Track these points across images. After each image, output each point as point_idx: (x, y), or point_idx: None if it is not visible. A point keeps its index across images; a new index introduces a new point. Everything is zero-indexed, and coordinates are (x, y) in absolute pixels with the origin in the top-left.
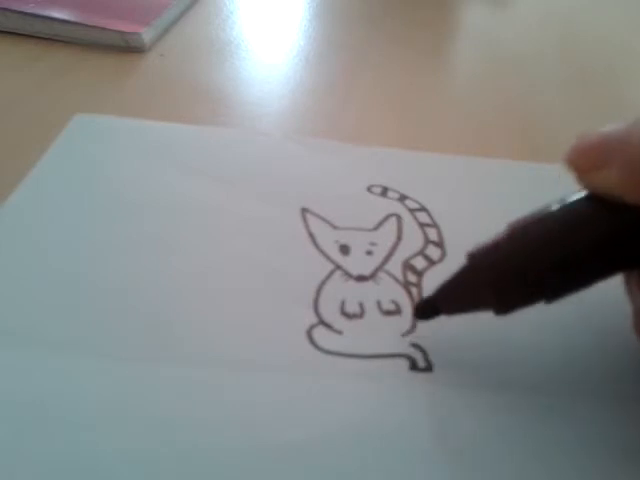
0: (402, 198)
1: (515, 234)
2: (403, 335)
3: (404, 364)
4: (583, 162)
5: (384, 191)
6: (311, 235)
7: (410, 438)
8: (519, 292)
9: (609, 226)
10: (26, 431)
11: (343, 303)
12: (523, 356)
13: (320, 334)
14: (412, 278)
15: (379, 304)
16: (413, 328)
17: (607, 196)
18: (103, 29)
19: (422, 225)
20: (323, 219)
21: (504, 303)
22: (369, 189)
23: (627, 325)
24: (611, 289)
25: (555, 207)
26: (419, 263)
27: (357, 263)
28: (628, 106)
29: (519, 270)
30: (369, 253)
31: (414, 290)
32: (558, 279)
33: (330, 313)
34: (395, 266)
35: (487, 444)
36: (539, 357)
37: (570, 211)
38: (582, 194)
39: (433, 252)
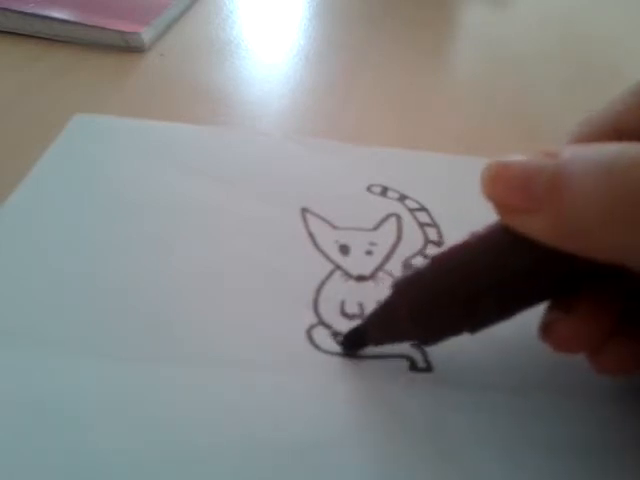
0: (402, 198)
1: (436, 263)
2: None
3: (404, 364)
4: (506, 200)
5: (384, 191)
6: (311, 235)
7: (410, 438)
8: (437, 325)
9: (530, 261)
10: (26, 431)
11: (343, 303)
12: (523, 356)
13: (320, 334)
14: None
15: None
16: None
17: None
18: (103, 29)
19: (422, 225)
20: (323, 219)
21: (423, 336)
22: (369, 189)
23: None
24: None
25: (474, 238)
26: (419, 263)
27: (357, 263)
28: None
29: (438, 303)
30: (369, 253)
31: None
32: (477, 312)
33: (330, 313)
34: (395, 266)
35: (487, 444)
36: (539, 357)
37: (490, 242)
38: (500, 224)
39: (433, 252)
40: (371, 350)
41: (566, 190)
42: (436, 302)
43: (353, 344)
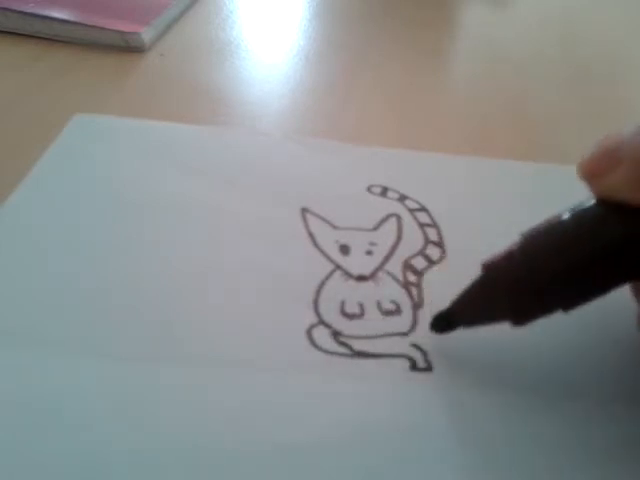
0: (402, 198)
1: (528, 244)
2: (403, 335)
3: (404, 364)
4: (593, 167)
5: (384, 191)
6: (311, 235)
7: (410, 438)
8: (535, 303)
9: (621, 233)
10: (26, 431)
11: (343, 303)
12: (523, 356)
13: (320, 334)
14: (412, 278)
15: (379, 304)
16: (413, 328)
17: (616, 200)
18: (103, 29)
19: (422, 225)
20: (323, 219)
21: (521, 314)
22: (369, 189)
23: (627, 325)
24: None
25: (566, 215)
26: (419, 263)
27: (357, 263)
28: (628, 106)
29: (534, 280)
30: (369, 253)
31: (414, 290)
32: (573, 288)
33: (330, 313)
34: (395, 266)
35: (487, 444)
36: (539, 357)
37: (581, 219)
38: (592, 201)
39: (433, 252)
40: (371, 350)
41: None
42: (531, 280)
43: (442, 327)
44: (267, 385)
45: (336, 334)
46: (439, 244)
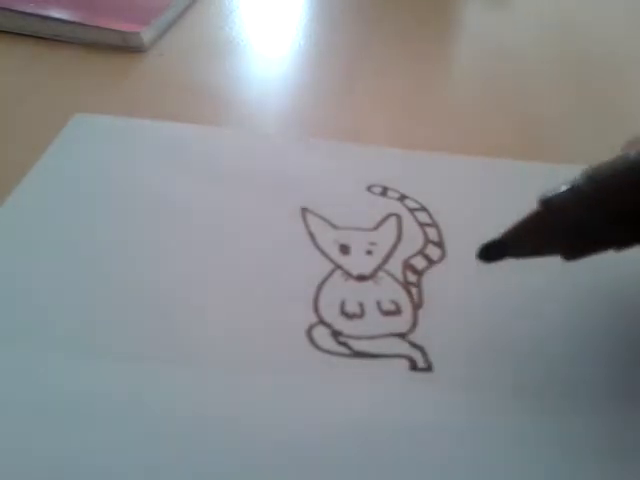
0: (402, 198)
1: (592, 180)
2: (403, 335)
3: (404, 364)
4: None
5: (384, 191)
6: (311, 235)
7: (410, 438)
8: (591, 239)
9: None
10: (26, 431)
11: (343, 303)
12: (523, 357)
13: (320, 334)
14: (412, 278)
15: (379, 304)
16: (413, 328)
17: None
18: (103, 29)
19: (422, 225)
20: (323, 219)
21: (575, 249)
22: (369, 189)
23: (625, 324)
24: (610, 292)
25: (634, 156)
26: (419, 263)
27: (357, 263)
28: (628, 106)
29: (593, 217)
30: (369, 253)
31: (414, 290)
32: (630, 230)
33: (330, 313)
34: (395, 266)
35: (487, 444)
36: (539, 358)
37: None
38: None
39: (433, 252)
40: (371, 350)
41: None
42: (597, 216)
43: (491, 256)
44: (267, 385)
45: (336, 334)
46: (439, 244)
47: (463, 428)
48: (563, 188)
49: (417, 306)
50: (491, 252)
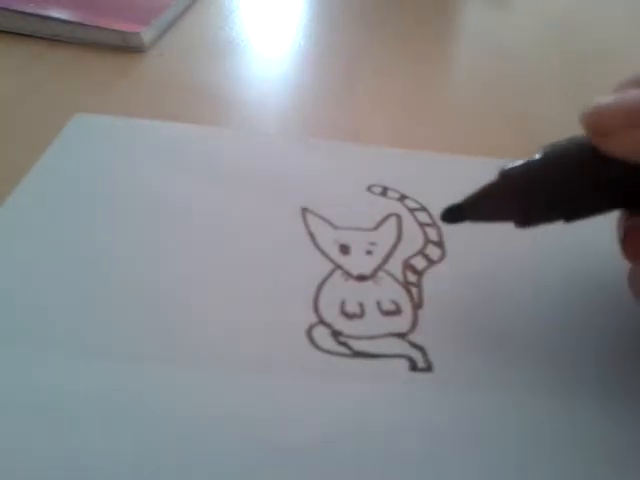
0: (402, 198)
1: (544, 156)
2: (403, 335)
3: (404, 364)
4: (604, 123)
5: (384, 191)
6: (311, 235)
7: (410, 438)
8: (541, 208)
9: (622, 174)
10: (26, 431)
11: (343, 303)
12: (523, 356)
13: (320, 334)
14: (412, 278)
15: (379, 304)
16: (413, 328)
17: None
18: (103, 29)
19: (422, 225)
20: (323, 219)
21: (525, 216)
22: (369, 189)
23: (626, 325)
24: (607, 287)
25: (581, 139)
26: (419, 263)
27: (357, 263)
28: None
29: (540, 189)
30: (369, 253)
31: (414, 290)
32: (572, 206)
33: (330, 313)
34: (395, 266)
35: (487, 444)
36: (539, 357)
37: (588, 151)
38: None
39: (433, 252)
40: (371, 350)
41: None
42: (536, 187)
43: (452, 218)
44: (267, 385)
45: (336, 334)
46: (439, 244)
47: (463, 428)
48: (520, 162)
49: (417, 306)
50: (453, 215)
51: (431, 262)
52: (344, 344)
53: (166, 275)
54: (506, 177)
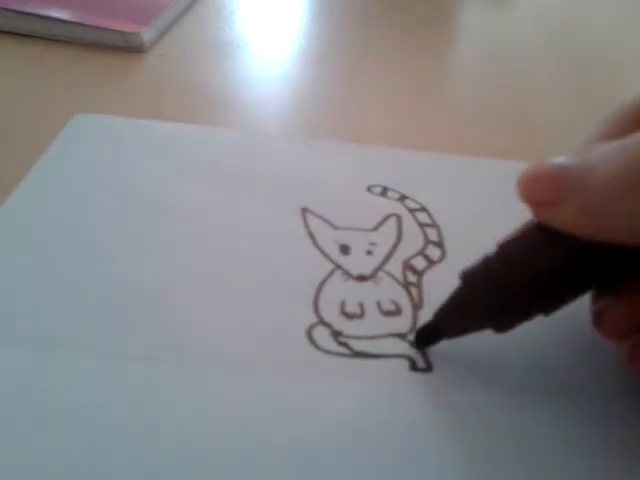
0: (402, 198)
1: (504, 251)
2: (403, 335)
3: (404, 364)
4: (537, 195)
5: (384, 191)
6: (311, 235)
7: (410, 438)
8: (514, 308)
9: (563, 255)
10: (26, 431)
11: (343, 303)
12: (523, 356)
13: (320, 334)
14: (412, 278)
15: (379, 304)
16: (413, 328)
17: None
18: (103, 29)
19: (422, 225)
20: (323, 219)
21: (502, 321)
22: (369, 189)
23: None
24: None
25: (520, 231)
26: (419, 263)
27: (357, 263)
28: None
29: (509, 288)
30: (369, 253)
31: (414, 290)
32: (538, 299)
33: (330, 313)
34: (395, 266)
35: (487, 444)
36: (539, 356)
37: (528, 240)
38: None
39: (433, 252)
40: (371, 350)
41: (588, 178)
42: (507, 287)
43: (426, 341)
44: (267, 385)
45: (336, 334)
46: (439, 244)
47: (463, 428)
48: (477, 261)
49: (417, 306)
50: (427, 335)
51: (431, 262)
52: (344, 344)
53: (166, 275)
54: (466, 281)
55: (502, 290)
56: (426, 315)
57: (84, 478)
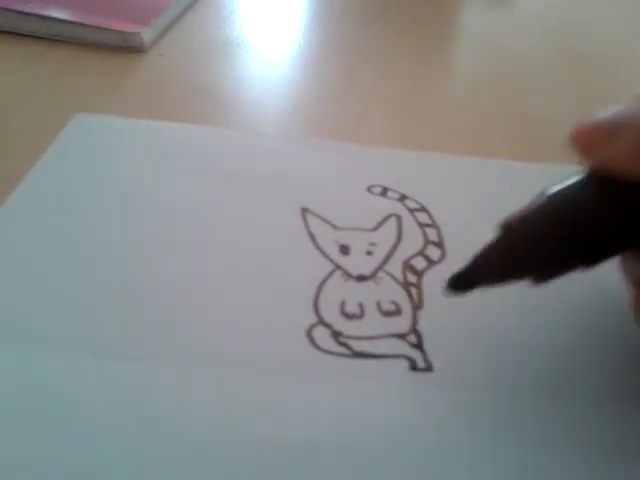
0: (402, 198)
1: (547, 203)
2: (403, 335)
3: (404, 364)
4: (590, 138)
5: (384, 191)
6: (311, 235)
7: (410, 438)
8: (556, 260)
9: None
10: (26, 431)
11: (343, 303)
12: (522, 356)
13: (320, 334)
14: (412, 278)
15: (379, 304)
16: (413, 328)
17: (612, 172)
18: (103, 29)
19: (422, 225)
20: (323, 219)
21: (539, 270)
22: (369, 189)
23: (624, 324)
24: (609, 289)
25: (575, 180)
26: (419, 263)
27: (357, 263)
28: None
29: (549, 238)
30: (369, 253)
31: (414, 290)
32: (587, 250)
33: (330, 313)
34: (395, 266)
35: (487, 444)
36: (538, 357)
37: (581, 194)
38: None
39: (433, 252)
40: (371, 350)
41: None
42: (545, 237)
43: (461, 287)
44: (267, 385)
45: (336, 334)
46: (439, 244)
47: (463, 428)
48: (520, 210)
49: (417, 306)
50: (461, 282)
51: (431, 262)
52: (344, 344)
53: (166, 275)
54: (508, 229)
55: (547, 240)
56: (426, 315)
57: (84, 478)
